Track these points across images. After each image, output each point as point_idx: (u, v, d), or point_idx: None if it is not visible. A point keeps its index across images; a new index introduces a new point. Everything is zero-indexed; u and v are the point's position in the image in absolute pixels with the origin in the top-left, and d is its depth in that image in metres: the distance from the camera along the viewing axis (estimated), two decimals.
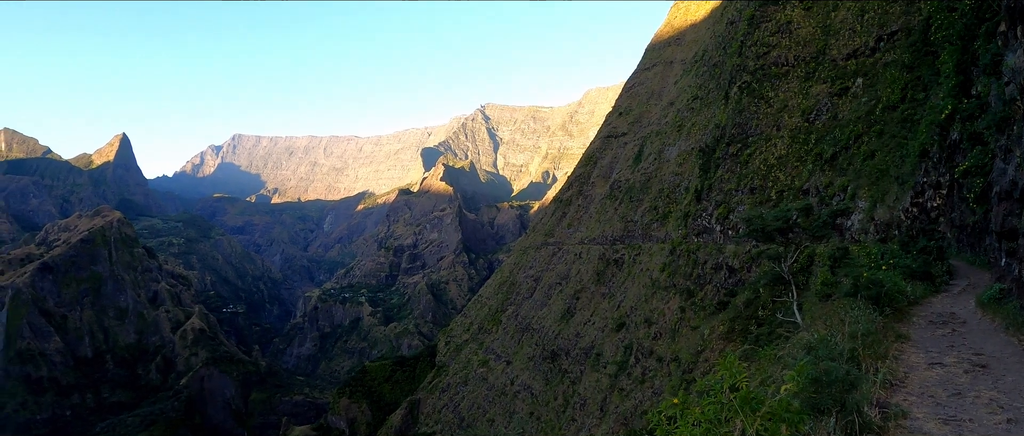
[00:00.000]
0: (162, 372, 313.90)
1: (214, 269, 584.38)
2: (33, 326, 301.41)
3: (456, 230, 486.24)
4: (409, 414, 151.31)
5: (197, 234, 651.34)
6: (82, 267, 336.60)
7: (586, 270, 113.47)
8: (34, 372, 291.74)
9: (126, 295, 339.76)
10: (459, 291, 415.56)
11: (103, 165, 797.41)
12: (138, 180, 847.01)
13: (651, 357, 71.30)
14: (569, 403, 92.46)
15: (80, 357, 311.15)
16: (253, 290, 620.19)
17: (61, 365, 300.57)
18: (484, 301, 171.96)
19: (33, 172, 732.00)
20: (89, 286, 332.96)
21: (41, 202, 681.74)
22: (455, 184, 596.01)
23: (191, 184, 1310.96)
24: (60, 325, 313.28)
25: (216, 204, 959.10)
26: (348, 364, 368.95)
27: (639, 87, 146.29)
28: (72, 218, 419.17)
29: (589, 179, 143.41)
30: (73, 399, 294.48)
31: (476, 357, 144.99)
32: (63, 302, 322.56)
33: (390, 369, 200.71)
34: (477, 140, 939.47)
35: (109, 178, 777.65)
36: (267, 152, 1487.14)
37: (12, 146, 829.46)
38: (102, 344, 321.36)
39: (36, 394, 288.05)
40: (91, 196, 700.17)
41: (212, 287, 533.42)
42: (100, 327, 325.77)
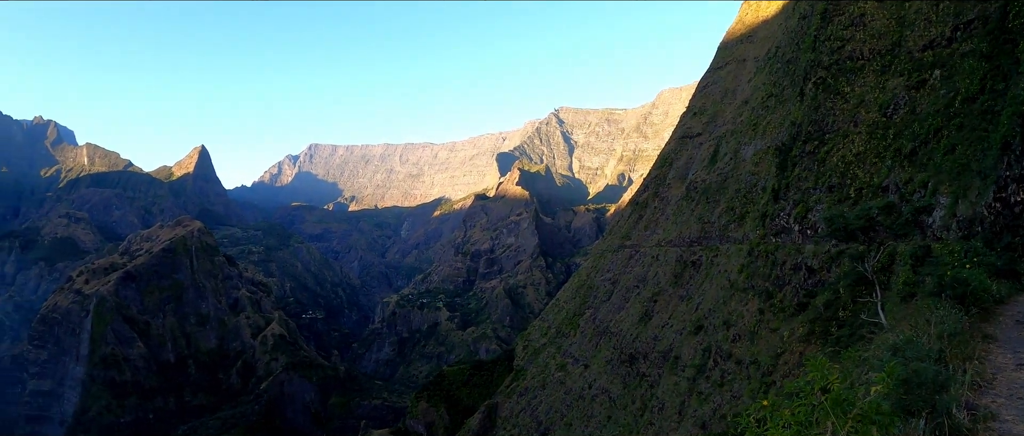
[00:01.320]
0: (243, 376, 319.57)
1: (293, 276, 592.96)
2: (117, 332, 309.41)
3: (533, 234, 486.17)
4: (487, 418, 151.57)
5: (276, 242, 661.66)
6: (164, 275, 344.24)
7: (663, 272, 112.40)
8: (118, 376, 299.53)
9: (207, 302, 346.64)
10: (536, 295, 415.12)
11: (183, 177, 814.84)
12: (218, 191, 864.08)
13: (730, 360, 70.28)
14: (647, 407, 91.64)
15: (163, 362, 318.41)
16: (332, 296, 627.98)
17: (144, 370, 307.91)
18: (561, 305, 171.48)
19: (115, 185, 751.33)
20: (171, 294, 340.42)
21: (124, 213, 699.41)
22: (531, 188, 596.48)
23: (269, 193, 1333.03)
24: (143, 331, 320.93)
25: (294, 213, 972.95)
26: (426, 369, 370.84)
27: (712, 86, 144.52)
28: (154, 228, 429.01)
29: (665, 180, 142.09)
30: (156, 402, 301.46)
31: (554, 361, 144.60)
32: (146, 309, 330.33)
33: (468, 373, 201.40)
34: (552, 144, 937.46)
35: (189, 189, 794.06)
36: (343, 161, 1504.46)
37: (95, 160, 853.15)
38: (184, 349, 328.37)
39: (120, 398, 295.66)
40: (172, 207, 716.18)
41: (292, 294, 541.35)
42: (182, 333, 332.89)
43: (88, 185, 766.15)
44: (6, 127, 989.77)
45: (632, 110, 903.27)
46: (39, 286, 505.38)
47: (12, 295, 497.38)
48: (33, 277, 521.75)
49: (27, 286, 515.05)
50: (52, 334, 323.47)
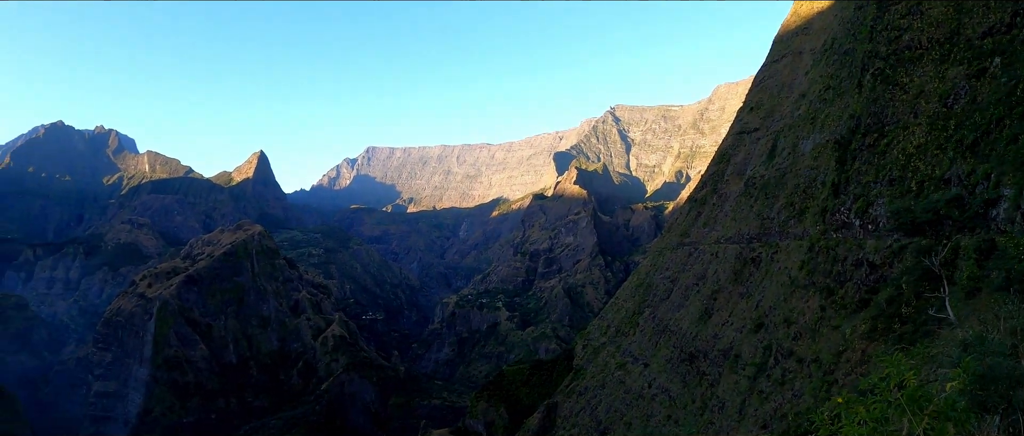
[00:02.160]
0: (304, 377, 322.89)
1: (353, 278, 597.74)
2: (180, 335, 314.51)
3: (591, 233, 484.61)
4: (546, 417, 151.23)
5: (336, 244, 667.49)
6: (226, 278, 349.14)
7: (723, 270, 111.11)
8: (181, 378, 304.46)
9: (268, 304, 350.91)
10: (595, 294, 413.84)
11: (243, 182, 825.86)
12: (277, 195, 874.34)
13: (791, 358, 69.15)
14: (707, 406, 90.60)
15: (225, 363, 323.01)
16: (391, 297, 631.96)
17: (206, 371, 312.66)
18: (621, 303, 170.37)
19: (176, 191, 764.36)
20: (233, 296, 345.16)
21: (185, 219, 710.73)
22: (588, 187, 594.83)
23: (328, 197, 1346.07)
24: (205, 333, 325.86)
25: (353, 215, 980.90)
26: (486, 368, 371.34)
27: (769, 80, 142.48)
28: (215, 233, 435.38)
29: (723, 177, 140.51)
30: (218, 403, 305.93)
31: (613, 360, 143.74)
32: (208, 312, 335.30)
33: (527, 373, 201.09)
34: (608, 142, 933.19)
35: (249, 194, 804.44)
36: (401, 163, 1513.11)
37: (156, 167, 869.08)
38: (246, 351, 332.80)
39: (183, 399, 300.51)
40: (232, 211, 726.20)
41: (351, 295, 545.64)
42: (244, 335, 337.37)
43: (149, 192, 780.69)
44: (68, 137, 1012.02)
45: (688, 106, 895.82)
46: (103, 290, 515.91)
47: (77, 299, 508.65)
48: (97, 282, 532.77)
49: (91, 290, 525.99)
50: (116, 337, 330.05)
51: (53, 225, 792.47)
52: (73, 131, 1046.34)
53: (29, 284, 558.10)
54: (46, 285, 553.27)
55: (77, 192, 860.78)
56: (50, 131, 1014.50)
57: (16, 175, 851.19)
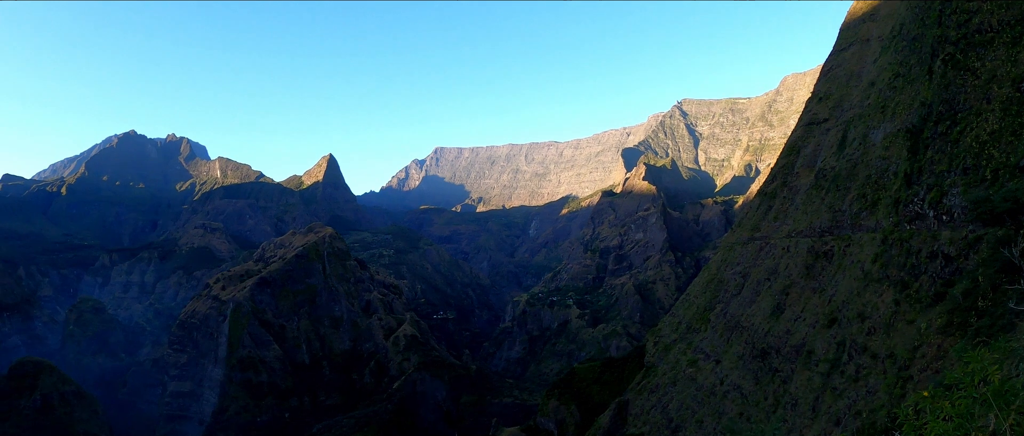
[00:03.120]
0: (375, 376, 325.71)
1: (424, 278, 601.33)
2: (254, 336, 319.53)
3: (661, 229, 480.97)
4: (617, 415, 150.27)
5: (406, 245, 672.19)
6: (298, 280, 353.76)
7: (794, 264, 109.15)
8: (255, 378, 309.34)
9: (340, 305, 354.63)
10: (666, 290, 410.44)
11: (313, 185, 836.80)
12: (347, 197, 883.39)
13: (865, 354, 67.51)
14: (780, 403, 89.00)
15: (298, 363, 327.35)
16: (462, 297, 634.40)
17: (280, 371, 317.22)
18: (691, 300, 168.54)
19: (248, 196, 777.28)
20: (305, 298, 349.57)
21: (256, 222, 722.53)
22: (657, 183, 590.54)
23: (398, 198, 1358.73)
24: (279, 334, 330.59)
25: (423, 216, 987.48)
26: (557, 366, 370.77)
27: (837, 69, 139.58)
28: (286, 235, 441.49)
29: (793, 169, 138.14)
30: (291, 402, 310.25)
31: (685, 357, 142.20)
32: (281, 313, 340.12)
33: (598, 371, 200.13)
34: (676, 137, 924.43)
35: (319, 197, 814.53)
36: (469, 163, 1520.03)
37: (227, 173, 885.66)
38: (318, 351, 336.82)
39: (257, 398, 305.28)
40: (303, 214, 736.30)
41: (422, 295, 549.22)
42: (316, 335, 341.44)
43: (222, 197, 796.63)
44: (141, 146, 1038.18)
45: (756, 98, 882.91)
46: (178, 293, 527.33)
47: (152, 302, 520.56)
48: (172, 285, 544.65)
49: (166, 294, 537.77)
50: (191, 338, 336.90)
51: (128, 231, 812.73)
52: (145, 140, 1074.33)
53: (106, 288, 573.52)
54: (122, 289, 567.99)
55: (151, 199, 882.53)
56: (123, 140, 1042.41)
57: (92, 184, 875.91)
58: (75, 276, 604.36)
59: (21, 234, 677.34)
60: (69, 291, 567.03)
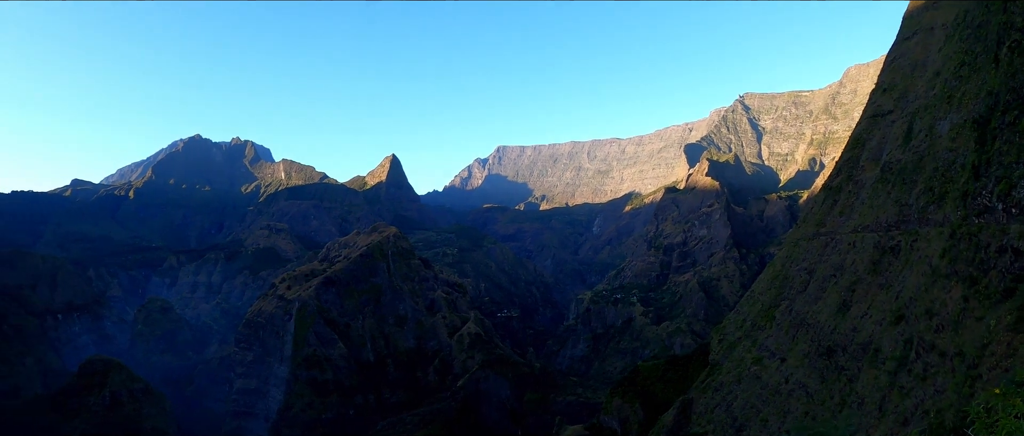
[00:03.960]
0: (440, 374, 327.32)
1: (488, 276, 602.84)
2: (319, 334, 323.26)
3: (725, 225, 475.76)
4: (681, 414, 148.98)
5: (470, 244, 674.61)
6: (362, 279, 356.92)
7: (860, 260, 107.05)
8: (320, 376, 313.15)
9: (405, 303, 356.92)
10: (731, 287, 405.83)
11: (376, 185, 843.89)
12: (410, 197, 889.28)
13: (932, 352, 65.78)
14: (846, 402, 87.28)
15: (363, 361, 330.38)
16: (526, 295, 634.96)
17: (345, 369, 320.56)
18: (756, 296, 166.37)
19: (312, 197, 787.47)
20: (370, 297, 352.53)
21: (321, 223, 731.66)
22: (720, 178, 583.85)
23: (461, 197, 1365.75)
24: (343, 333, 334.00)
25: (486, 214, 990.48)
26: (621, 364, 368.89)
27: (900, 59, 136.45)
28: (351, 235, 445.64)
29: (858, 163, 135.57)
30: (356, 400, 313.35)
31: (749, 355, 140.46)
32: (346, 312, 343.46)
33: (662, 369, 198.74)
34: (739, 131, 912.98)
35: (383, 197, 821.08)
36: (531, 161, 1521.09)
37: (291, 174, 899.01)
38: (383, 349, 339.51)
39: (322, 396, 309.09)
40: (367, 214, 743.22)
41: (486, 293, 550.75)
42: (381, 334, 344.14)
43: (286, 198, 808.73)
44: (206, 150, 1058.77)
45: (819, 91, 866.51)
46: (244, 293, 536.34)
47: (219, 302, 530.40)
48: (238, 285, 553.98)
49: (233, 293, 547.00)
50: (257, 337, 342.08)
51: (195, 233, 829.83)
52: (211, 144, 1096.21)
53: (173, 288, 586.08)
54: (190, 289, 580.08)
55: (216, 201, 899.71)
56: (189, 145, 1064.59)
57: (159, 187, 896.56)
58: (144, 277, 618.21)
59: (91, 237, 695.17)
60: (138, 292, 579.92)
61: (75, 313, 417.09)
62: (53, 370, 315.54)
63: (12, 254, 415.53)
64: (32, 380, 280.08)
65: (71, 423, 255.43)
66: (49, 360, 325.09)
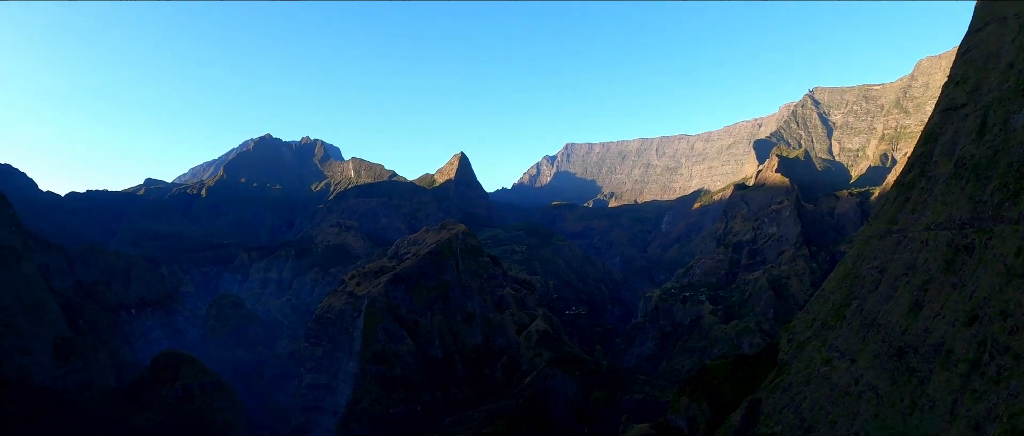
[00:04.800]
0: (507, 371, 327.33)
1: (556, 273, 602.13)
2: (387, 331, 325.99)
3: (795, 223, 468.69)
4: (749, 414, 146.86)
5: (538, 241, 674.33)
6: (431, 276, 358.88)
7: (933, 259, 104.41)
8: (388, 372, 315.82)
9: (473, 301, 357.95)
10: (801, 286, 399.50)
11: (445, 183, 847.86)
12: (479, 194, 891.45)
13: (1007, 354, 63.75)
14: (916, 405, 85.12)
15: (430, 358, 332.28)
16: (594, 292, 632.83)
17: (413, 365, 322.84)
18: (826, 295, 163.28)
19: (381, 194, 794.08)
20: (438, 293, 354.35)
21: (390, 220, 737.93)
22: (791, 175, 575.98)
23: (529, 194, 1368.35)
24: (412, 329, 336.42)
25: (555, 211, 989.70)
26: (688, 363, 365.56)
27: (973, 51, 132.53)
28: (420, 233, 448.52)
29: (930, 158, 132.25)
30: (424, 396, 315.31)
31: (819, 355, 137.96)
32: (414, 309, 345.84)
33: (730, 368, 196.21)
34: (809, 127, 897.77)
35: (451, 194, 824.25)
36: (600, 158, 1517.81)
37: (360, 173, 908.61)
38: (451, 346, 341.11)
39: (389, 391, 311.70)
40: (436, 212, 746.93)
41: (555, 291, 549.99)
42: (449, 330, 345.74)
43: (355, 196, 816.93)
44: (276, 149, 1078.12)
45: (890, 84, 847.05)
46: (314, 289, 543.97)
47: (289, 298, 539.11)
48: (308, 282, 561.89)
49: (303, 290, 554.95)
50: (326, 333, 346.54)
51: (265, 230, 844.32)
52: (281, 143, 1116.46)
53: (245, 284, 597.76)
54: (260, 285, 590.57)
55: (287, 199, 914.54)
56: (259, 144, 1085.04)
57: (230, 186, 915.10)
58: (215, 273, 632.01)
59: (164, 234, 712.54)
60: (210, 288, 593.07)
61: (148, 308, 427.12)
62: (126, 363, 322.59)
63: (87, 251, 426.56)
64: (106, 373, 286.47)
65: (144, 415, 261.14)
66: (123, 354, 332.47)
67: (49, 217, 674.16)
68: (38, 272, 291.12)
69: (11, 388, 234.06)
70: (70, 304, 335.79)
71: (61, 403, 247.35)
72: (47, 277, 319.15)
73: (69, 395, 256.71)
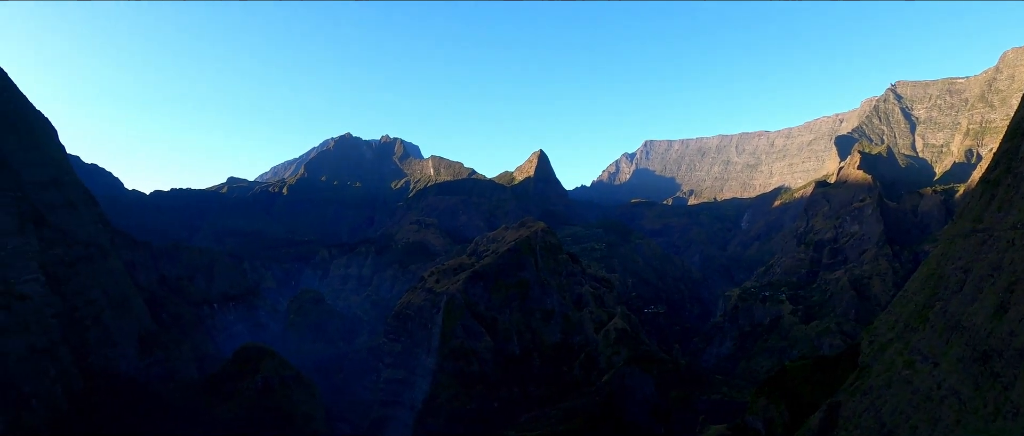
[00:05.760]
0: (585, 369, 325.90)
1: (635, 271, 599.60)
2: (466, 327, 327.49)
3: (877, 221, 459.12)
4: (827, 418, 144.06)
5: (617, 239, 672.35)
6: (510, 274, 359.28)
7: (1020, 259, 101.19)
8: (466, 368, 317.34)
9: (552, 298, 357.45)
10: (883, 286, 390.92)
11: (524, 181, 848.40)
12: (558, 192, 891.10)
13: None
14: (999, 412, 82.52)
15: (508, 355, 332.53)
16: (673, 291, 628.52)
17: (491, 362, 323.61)
18: (909, 296, 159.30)
19: (460, 192, 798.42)
20: (517, 291, 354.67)
21: (469, 218, 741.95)
22: (873, 172, 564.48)
23: (608, 192, 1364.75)
24: (490, 326, 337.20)
25: (634, 209, 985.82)
26: (767, 364, 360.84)
27: None
28: (499, 230, 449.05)
29: (1017, 154, 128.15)
30: (500, 393, 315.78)
31: (900, 358, 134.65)
32: (493, 306, 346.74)
33: (810, 369, 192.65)
34: (891, 122, 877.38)
35: (530, 192, 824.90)
36: (679, 155, 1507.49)
37: (440, 171, 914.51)
38: (529, 343, 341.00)
39: (467, 387, 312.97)
40: (515, 209, 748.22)
41: (633, 289, 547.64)
42: (527, 328, 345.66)
43: (435, 194, 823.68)
44: (356, 148, 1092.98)
45: (975, 77, 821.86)
46: (393, 286, 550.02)
47: (369, 294, 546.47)
48: (388, 278, 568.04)
49: (382, 286, 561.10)
50: (405, 329, 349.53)
51: (346, 228, 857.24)
52: (360, 142, 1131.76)
53: (325, 280, 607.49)
54: (341, 281, 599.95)
55: (367, 197, 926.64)
56: (339, 143, 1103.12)
57: (311, 184, 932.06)
58: (296, 270, 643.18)
59: (246, 231, 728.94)
60: (291, 283, 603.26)
61: (230, 303, 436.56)
62: (208, 356, 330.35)
63: (172, 247, 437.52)
64: (188, 365, 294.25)
65: (224, 406, 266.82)
66: (205, 347, 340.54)
67: (134, 215, 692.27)
68: (124, 268, 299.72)
69: (97, 378, 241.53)
70: (154, 298, 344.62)
71: (145, 393, 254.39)
72: (132, 273, 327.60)
73: (152, 385, 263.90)
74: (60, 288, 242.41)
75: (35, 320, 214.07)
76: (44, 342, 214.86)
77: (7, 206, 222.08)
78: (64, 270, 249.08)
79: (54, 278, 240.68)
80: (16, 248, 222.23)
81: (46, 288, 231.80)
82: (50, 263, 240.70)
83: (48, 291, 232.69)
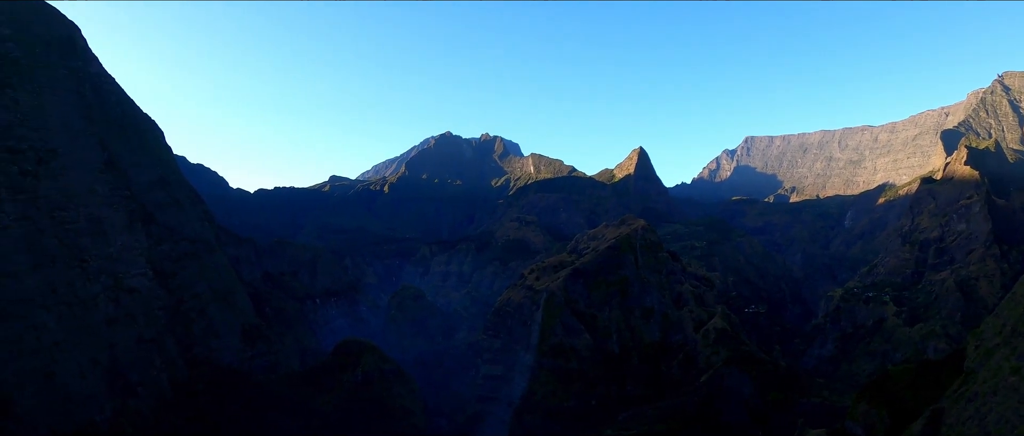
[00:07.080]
0: (683, 368, 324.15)
1: (735, 270, 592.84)
2: (565, 325, 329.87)
3: (985, 219, 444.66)
4: (930, 424, 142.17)
5: (718, 237, 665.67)
6: (610, 271, 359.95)
7: None
8: (564, 365, 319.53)
9: (652, 296, 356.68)
10: (990, 288, 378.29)
11: (624, 178, 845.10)
12: (658, 189, 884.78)
13: None
14: None
15: (607, 353, 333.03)
16: (774, 290, 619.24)
17: (589, 360, 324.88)
18: (1018, 299, 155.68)
19: (560, 190, 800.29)
20: (617, 289, 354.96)
21: (569, 215, 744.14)
22: (980, 167, 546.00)
23: (709, 189, 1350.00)
24: (589, 324, 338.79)
25: (734, 206, 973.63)
26: (869, 367, 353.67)
27: None
28: (599, 228, 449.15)
29: None
30: (599, 390, 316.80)
31: (1007, 364, 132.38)
32: (592, 303, 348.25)
33: (913, 374, 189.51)
34: (999, 115, 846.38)
35: (631, 189, 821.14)
36: (780, 152, 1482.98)
37: (540, 168, 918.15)
38: (628, 341, 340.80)
39: (565, 384, 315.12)
40: (615, 207, 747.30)
41: (734, 288, 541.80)
42: (627, 326, 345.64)
43: (535, 191, 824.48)
44: (457, 146, 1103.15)
45: None
46: (493, 283, 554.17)
47: (469, 291, 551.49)
48: (488, 275, 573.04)
49: (482, 283, 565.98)
50: (505, 325, 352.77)
51: (446, 225, 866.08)
52: (461, 140, 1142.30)
53: (425, 277, 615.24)
54: (441, 278, 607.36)
55: (467, 194, 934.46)
56: (440, 141, 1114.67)
57: (412, 182, 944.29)
58: (397, 266, 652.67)
59: (348, 229, 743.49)
60: (391, 280, 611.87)
61: (332, 298, 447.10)
62: (310, 350, 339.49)
63: (276, 244, 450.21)
64: (290, 358, 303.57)
65: (325, 397, 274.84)
66: (307, 340, 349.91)
67: (239, 213, 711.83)
68: (229, 263, 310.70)
69: (201, 367, 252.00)
70: (258, 293, 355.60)
71: (247, 383, 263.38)
72: (237, 268, 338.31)
73: (255, 377, 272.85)
74: (167, 282, 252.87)
75: (143, 312, 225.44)
76: (151, 333, 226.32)
77: (116, 205, 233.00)
78: (171, 265, 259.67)
79: (161, 273, 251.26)
80: (125, 245, 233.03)
81: (154, 282, 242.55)
82: (157, 259, 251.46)
83: (155, 285, 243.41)
